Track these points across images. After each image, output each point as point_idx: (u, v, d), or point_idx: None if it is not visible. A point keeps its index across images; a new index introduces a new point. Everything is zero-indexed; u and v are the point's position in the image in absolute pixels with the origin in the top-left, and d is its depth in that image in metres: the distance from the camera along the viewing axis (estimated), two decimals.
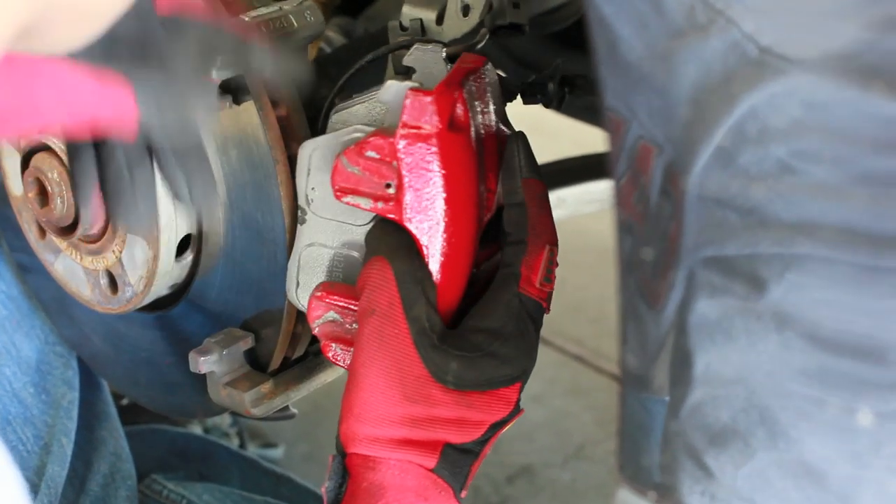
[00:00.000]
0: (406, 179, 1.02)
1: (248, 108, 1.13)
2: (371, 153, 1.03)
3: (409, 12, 1.20)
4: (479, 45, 1.18)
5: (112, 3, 0.63)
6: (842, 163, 0.77)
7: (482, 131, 1.08)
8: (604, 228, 2.16)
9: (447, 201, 1.02)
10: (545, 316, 1.09)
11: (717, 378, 0.85)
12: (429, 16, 1.19)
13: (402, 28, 1.20)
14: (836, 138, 0.76)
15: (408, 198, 1.02)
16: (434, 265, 1.03)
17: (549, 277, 1.06)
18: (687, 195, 0.84)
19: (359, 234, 1.11)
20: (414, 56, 1.10)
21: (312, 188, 1.11)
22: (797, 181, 0.78)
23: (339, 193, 1.05)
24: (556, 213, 1.58)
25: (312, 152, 1.11)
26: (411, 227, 1.03)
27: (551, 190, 1.93)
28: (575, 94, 1.27)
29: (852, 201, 0.77)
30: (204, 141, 1.03)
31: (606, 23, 0.88)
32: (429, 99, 1.01)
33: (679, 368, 0.89)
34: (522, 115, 1.33)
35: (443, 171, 1.02)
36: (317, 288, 1.10)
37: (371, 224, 1.10)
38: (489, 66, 1.11)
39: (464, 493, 1.06)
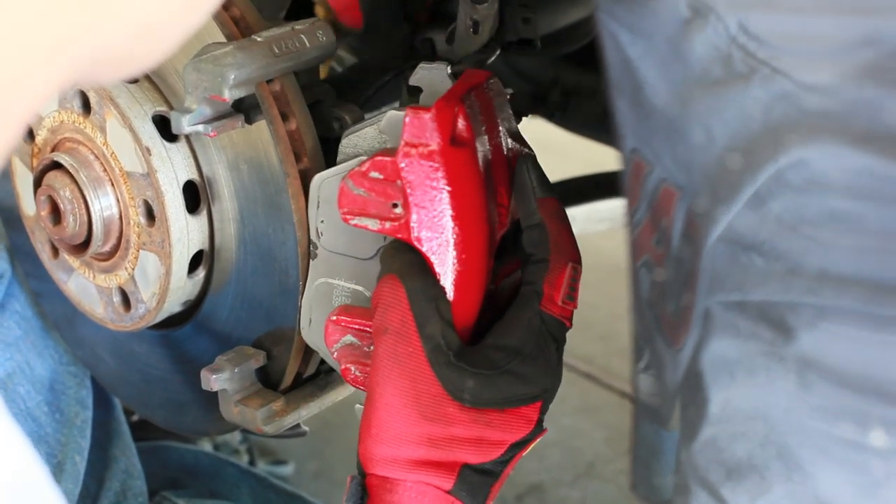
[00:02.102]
0: (411, 198, 1.01)
1: (260, 126, 1.14)
2: (375, 174, 1.03)
3: (419, 33, 1.20)
4: (489, 61, 1.19)
5: (159, 47, 0.64)
6: (863, 216, 0.77)
7: (488, 146, 1.08)
8: (613, 247, 2.17)
9: (455, 217, 1.02)
10: None
11: (735, 414, 0.85)
12: (439, 35, 1.20)
13: (413, 49, 1.20)
14: (856, 192, 0.76)
15: (414, 216, 1.02)
16: (447, 282, 1.03)
17: (572, 295, 1.05)
18: (707, 238, 0.84)
19: (365, 267, 1.11)
20: (419, 75, 1.10)
21: (322, 221, 1.12)
22: (835, 231, 0.78)
23: (346, 216, 1.05)
24: None
25: (321, 184, 1.11)
26: (420, 245, 1.02)
27: None
28: (575, 105, 1.27)
29: (874, 253, 0.77)
30: None
31: (632, 65, 0.87)
32: (428, 115, 1.00)
33: (692, 403, 0.89)
34: (531, 134, 1.33)
35: (448, 188, 1.01)
36: (333, 311, 1.10)
37: (375, 257, 1.10)
38: (494, 79, 1.11)
39: None
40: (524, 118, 1.39)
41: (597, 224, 1.95)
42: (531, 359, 1.02)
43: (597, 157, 1.81)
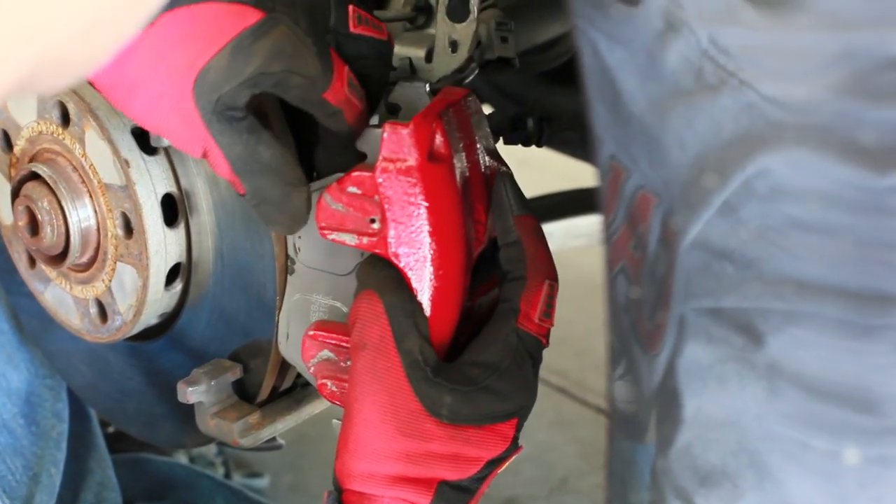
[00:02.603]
0: (388, 213, 1.01)
1: None
2: (353, 189, 1.03)
3: (398, 51, 1.20)
4: (468, 80, 1.19)
5: (104, 48, 0.63)
6: (838, 226, 0.78)
7: (465, 162, 1.09)
8: (590, 262, 2.18)
9: (432, 233, 1.02)
10: None
11: (707, 420, 0.86)
12: (418, 54, 1.20)
13: (392, 68, 1.20)
14: (833, 202, 0.77)
15: (392, 232, 1.01)
16: (424, 298, 1.02)
17: (549, 313, 1.05)
18: (681, 245, 0.85)
19: (342, 283, 1.11)
20: (398, 93, 1.10)
21: (299, 237, 1.12)
22: (800, 239, 0.79)
23: (324, 231, 1.05)
24: None
25: None
26: (397, 261, 1.02)
27: None
28: (554, 131, 1.27)
29: (848, 262, 0.78)
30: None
31: (610, 73, 0.88)
32: (406, 131, 1.00)
33: (667, 410, 0.89)
34: (509, 147, 1.34)
35: (425, 203, 1.01)
36: (310, 327, 1.10)
37: (352, 273, 1.10)
38: (472, 97, 1.11)
39: None
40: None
41: (574, 240, 1.95)
42: (508, 375, 1.02)
43: (574, 173, 1.82)
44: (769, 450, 0.83)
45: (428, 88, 1.09)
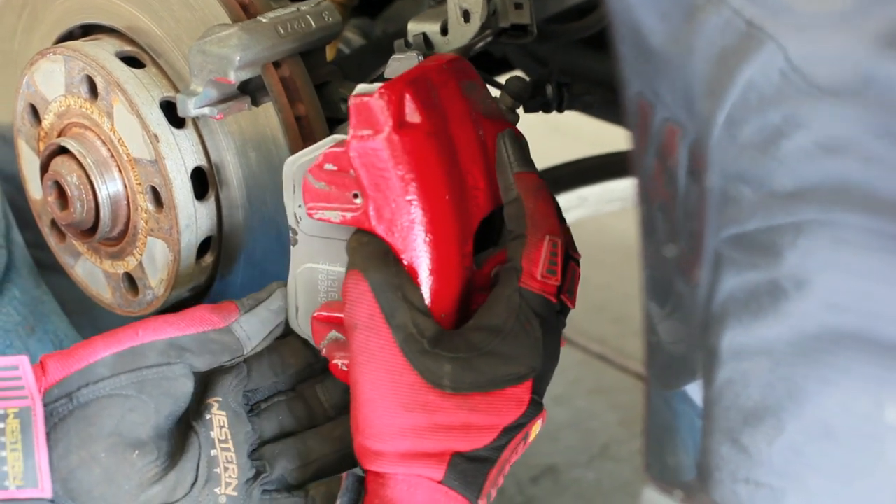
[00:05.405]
0: (366, 186, 0.99)
1: (267, 109, 1.13)
2: (329, 166, 1.01)
3: (413, 28, 1.19)
4: (477, 47, 1.18)
5: None
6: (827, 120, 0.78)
7: (450, 127, 1.06)
8: (625, 227, 2.17)
9: (413, 201, 1.00)
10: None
11: (741, 352, 0.85)
12: (433, 28, 1.19)
13: (407, 44, 1.19)
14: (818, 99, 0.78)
15: (371, 204, 1.00)
16: (420, 268, 1.01)
17: (553, 269, 1.03)
18: (709, 174, 0.84)
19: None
20: (392, 67, 1.08)
21: (300, 205, 1.07)
22: (791, 145, 0.79)
23: (311, 211, 1.03)
24: (578, 212, 1.57)
25: (297, 168, 1.07)
26: (382, 233, 1.00)
27: (573, 189, 1.93)
28: (574, 95, 1.26)
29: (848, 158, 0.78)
30: None
31: (633, 12, 0.88)
32: (370, 100, 0.98)
33: (709, 347, 0.88)
34: (541, 115, 1.33)
35: (399, 172, 0.99)
36: (317, 308, 1.08)
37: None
38: (459, 62, 1.09)
39: (482, 502, 1.02)
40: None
41: (609, 204, 1.94)
42: (512, 337, 1.00)
43: (607, 138, 1.81)
44: (804, 375, 0.82)
45: (420, 59, 1.07)
